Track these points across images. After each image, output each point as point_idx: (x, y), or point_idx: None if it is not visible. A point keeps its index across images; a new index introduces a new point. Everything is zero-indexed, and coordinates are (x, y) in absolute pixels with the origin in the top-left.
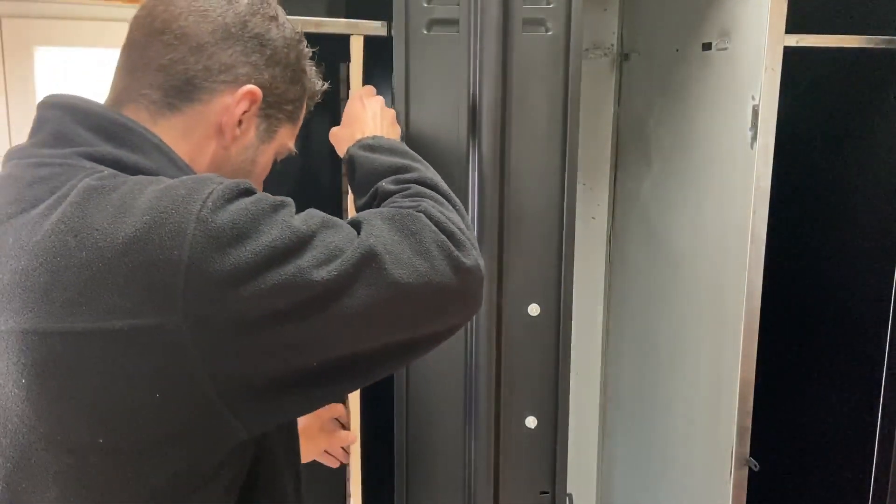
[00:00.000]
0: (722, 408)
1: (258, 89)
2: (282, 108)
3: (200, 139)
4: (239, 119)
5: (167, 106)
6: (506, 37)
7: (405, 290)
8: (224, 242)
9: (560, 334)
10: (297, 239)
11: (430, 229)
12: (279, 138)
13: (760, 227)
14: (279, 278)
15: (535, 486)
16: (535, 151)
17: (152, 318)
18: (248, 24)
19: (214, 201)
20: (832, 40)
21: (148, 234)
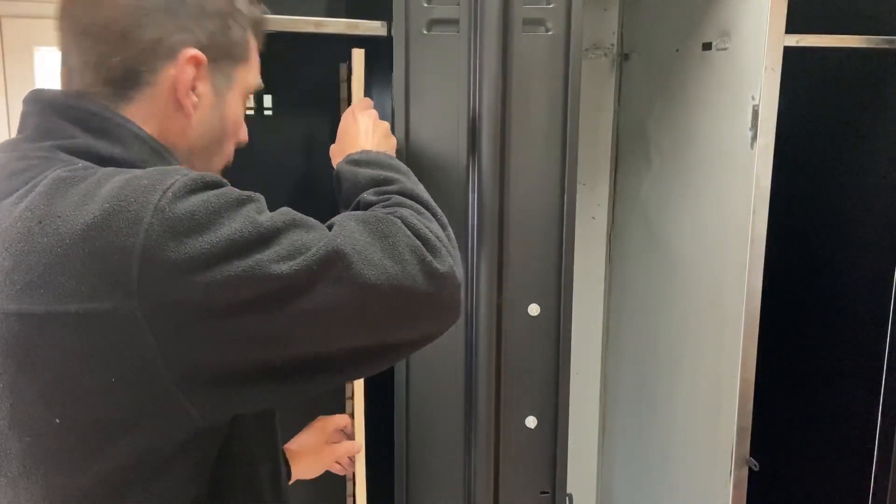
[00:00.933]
0: (722, 408)
1: (197, 51)
2: (229, 55)
3: (163, 118)
4: (191, 86)
5: (120, 97)
6: (506, 37)
7: (373, 292)
8: (180, 231)
9: (560, 334)
10: (258, 233)
11: (404, 233)
12: (239, 83)
13: (760, 227)
14: (237, 270)
15: (535, 486)
16: (535, 151)
17: (108, 302)
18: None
19: (175, 192)
20: (832, 40)
21: (106, 221)
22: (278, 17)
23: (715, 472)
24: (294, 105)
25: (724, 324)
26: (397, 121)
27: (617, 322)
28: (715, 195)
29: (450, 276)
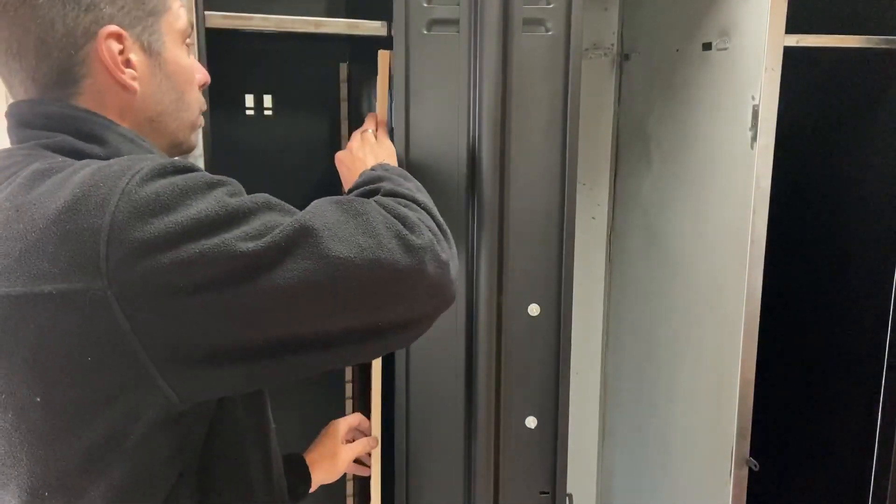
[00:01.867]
0: (722, 408)
1: (111, 27)
2: (146, 13)
3: (115, 101)
4: (123, 61)
5: (69, 96)
6: (506, 37)
7: (345, 266)
8: (146, 212)
9: (560, 334)
10: (227, 213)
11: (378, 211)
12: (169, 34)
13: (760, 227)
14: (202, 248)
15: (535, 486)
16: (535, 151)
17: (79, 282)
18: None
19: (142, 176)
20: (832, 40)
21: (76, 205)
22: (278, 17)
23: (715, 472)
24: (294, 105)
25: (724, 324)
26: (397, 121)
27: (617, 322)
28: (715, 195)
29: (429, 248)
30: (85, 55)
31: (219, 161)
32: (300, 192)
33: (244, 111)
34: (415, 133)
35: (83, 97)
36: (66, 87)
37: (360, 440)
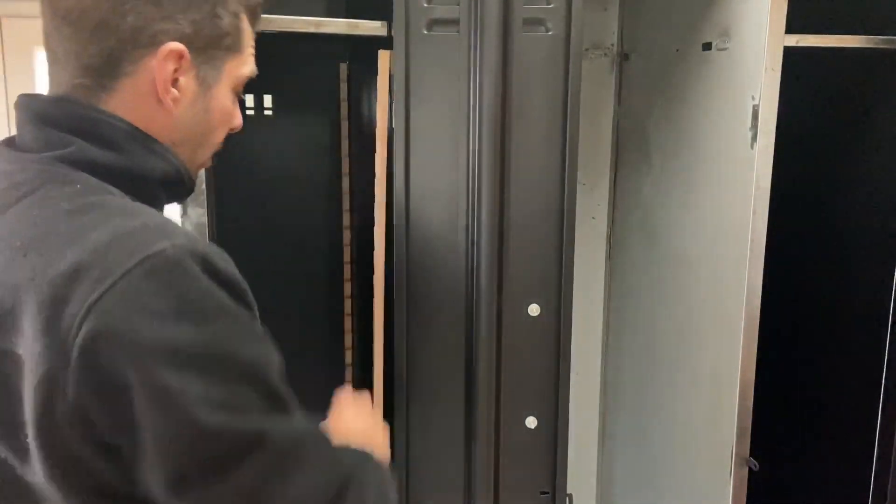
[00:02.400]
0: (722, 408)
1: (179, 45)
2: (218, 46)
3: (144, 110)
4: (172, 81)
5: (101, 88)
6: (506, 37)
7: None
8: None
9: (560, 334)
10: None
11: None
12: (228, 75)
13: (760, 227)
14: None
15: (535, 486)
16: (535, 151)
17: (46, 362)
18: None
19: (147, 269)
20: (832, 40)
21: (70, 279)
22: (278, 17)
23: (715, 472)
24: (294, 105)
25: (724, 324)
26: (397, 121)
27: (617, 322)
28: (715, 195)
29: None
30: (139, 56)
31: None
32: (300, 192)
33: (244, 111)
34: (415, 133)
35: (115, 95)
36: (105, 77)
37: None
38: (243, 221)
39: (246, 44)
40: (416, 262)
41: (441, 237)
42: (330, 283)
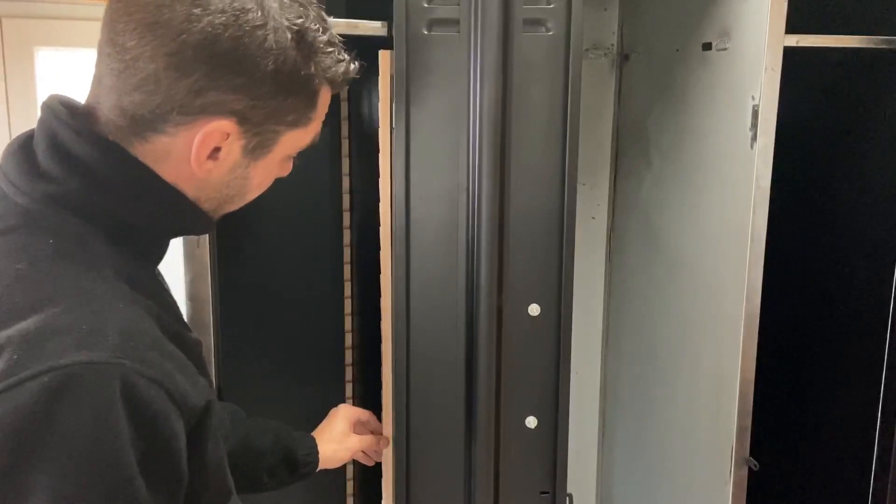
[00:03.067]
0: (722, 408)
1: (229, 123)
2: (279, 122)
3: (177, 165)
4: (210, 151)
5: (134, 134)
6: (506, 37)
7: None
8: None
9: (560, 334)
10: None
11: None
12: (283, 146)
13: (760, 227)
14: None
15: (535, 486)
16: (536, 151)
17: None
18: (217, 43)
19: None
20: (832, 40)
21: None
22: None
23: (715, 472)
24: None
25: (724, 323)
26: (397, 121)
27: (617, 322)
28: (715, 195)
29: None
30: (182, 122)
31: None
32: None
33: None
34: (415, 133)
35: (147, 146)
36: (141, 127)
37: (367, 436)
38: (243, 221)
39: (316, 117)
40: (415, 262)
41: (441, 237)
42: (330, 283)
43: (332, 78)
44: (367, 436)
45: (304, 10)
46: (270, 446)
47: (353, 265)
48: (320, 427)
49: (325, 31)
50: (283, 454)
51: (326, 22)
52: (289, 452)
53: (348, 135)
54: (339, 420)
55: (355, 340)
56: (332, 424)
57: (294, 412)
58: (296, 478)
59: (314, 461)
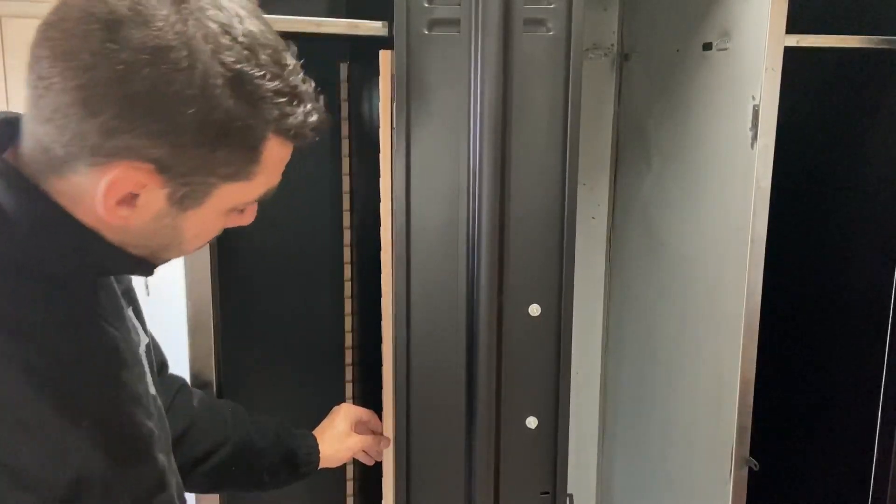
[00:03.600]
0: (722, 408)
1: (147, 170)
2: (210, 173)
3: (94, 208)
4: (122, 198)
5: (51, 169)
6: (507, 37)
7: None
8: None
9: (560, 334)
10: None
11: None
12: (223, 200)
13: (760, 227)
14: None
15: (536, 487)
16: (536, 151)
17: None
18: (130, 83)
19: None
20: (832, 40)
21: None
22: (279, 17)
23: (715, 472)
24: None
25: (724, 323)
26: (397, 121)
27: (617, 322)
28: (715, 195)
29: None
30: (96, 162)
31: None
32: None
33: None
34: (415, 133)
35: (62, 183)
36: (54, 162)
37: (368, 437)
38: None
39: (263, 172)
40: (416, 262)
41: (441, 237)
42: (330, 283)
43: (284, 130)
44: (368, 435)
45: (251, 53)
46: (271, 445)
47: (354, 265)
48: (321, 426)
49: (277, 78)
50: (284, 453)
51: (284, 67)
52: (290, 452)
53: (348, 135)
54: (340, 419)
55: (355, 340)
56: (333, 423)
57: (294, 412)
58: (296, 477)
59: (315, 461)
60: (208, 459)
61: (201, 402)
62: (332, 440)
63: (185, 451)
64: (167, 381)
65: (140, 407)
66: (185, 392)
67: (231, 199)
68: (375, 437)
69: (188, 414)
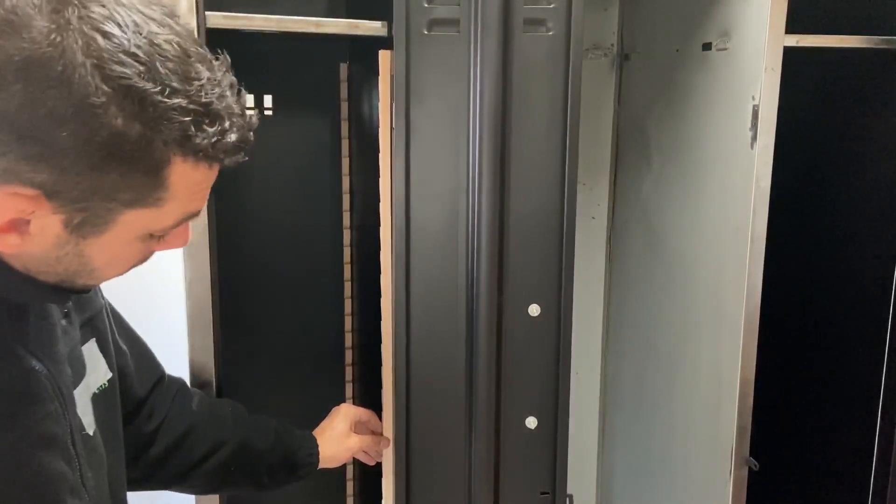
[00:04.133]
0: (722, 408)
1: (32, 196)
2: (108, 199)
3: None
4: (8, 223)
5: None
6: (506, 37)
7: None
8: None
9: (560, 334)
10: None
11: None
12: (130, 227)
13: (760, 227)
14: None
15: (536, 487)
16: (536, 151)
17: None
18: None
19: None
20: (832, 40)
21: None
22: (279, 17)
23: (715, 472)
24: (294, 105)
25: (724, 323)
26: (397, 121)
27: (617, 322)
28: (715, 195)
29: None
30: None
31: None
32: (299, 193)
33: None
34: (415, 133)
35: None
36: None
37: (367, 437)
38: (243, 221)
39: (173, 196)
40: (415, 262)
41: (441, 237)
42: (330, 283)
43: (192, 152)
44: (368, 436)
45: (147, 67)
46: (271, 446)
47: (354, 265)
48: (321, 426)
49: (179, 94)
50: (284, 455)
51: (193, 81)
52: (289, 453)
53: (348, 135)
54: (339, 419)
55: (355, 340)
56: (332, 424)
57: (294, 412)
58: (295, 478)
59: (314, 462)
60: (207, 461)
61: (200, 404)
62: (331, 441)
63: (184, 453)
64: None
65: (49, 449)
66: (184, 394)
67: (140, 227)
68: (375, 437)
69: (187, 416)
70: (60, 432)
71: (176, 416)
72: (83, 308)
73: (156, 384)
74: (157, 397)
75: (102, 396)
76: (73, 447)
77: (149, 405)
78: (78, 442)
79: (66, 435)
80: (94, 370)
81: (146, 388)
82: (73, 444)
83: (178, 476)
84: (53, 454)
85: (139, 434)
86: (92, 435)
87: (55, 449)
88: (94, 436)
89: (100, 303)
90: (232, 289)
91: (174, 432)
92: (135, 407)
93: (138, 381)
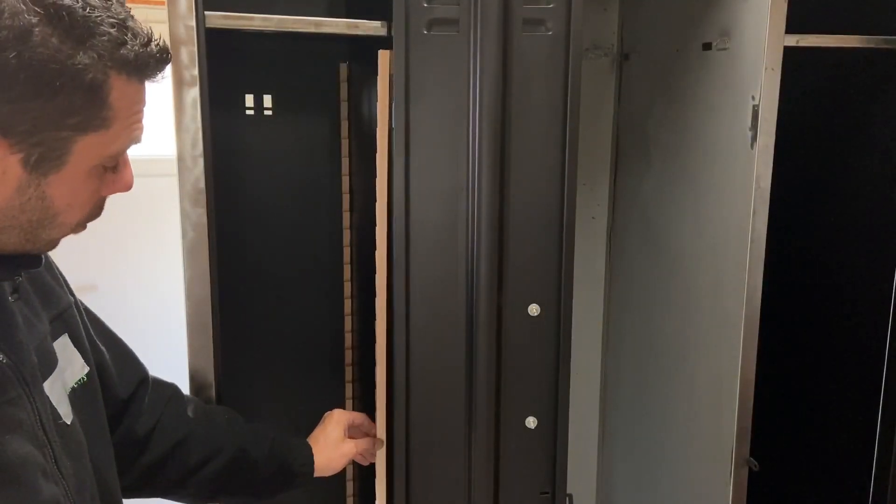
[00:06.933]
0: (722, 408)
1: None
2: (58, 127)
3: None
4: None
5: None
6: (506, 37)
7: None
8: None
9: (560, 334)
10: None
11: None
12: (84, 156)
13: (760, 227)
14: None
15: (535, 487)
16: (536, 151)
17: None
18: None
19: None
20: (832, 40)
21: None
22: (279, 17)
23: (715, 472)
24: (294, 105)
25: (724, 324)
26: (397, 121)
27: (617, 322)
28: (715, 195)
29: None
30: None
31: (218, 161)
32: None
33: (244, 111)
34: (414, 133)
35: None
36: None
37: (363, 440)
38: (243, 221)
39: (117, 116)
40: (415, 263)
41: (441, 237)
42: (330, 283)
43: (124, 65)
44: (362, 439)
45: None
46: (266, 456)
47: (353, 265)
48: (314, 434)
49: (99, 9)
50: (279, 465)
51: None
52: (284, 463)
53: (348, 135)
54: (332, 426)
55: (355, 340)
56: (325, 431)
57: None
58: (291, 487)
59: (309, 472)
60: (203, 469)
61: (196, 411)
62: (325, 448)
63: (180, 461)
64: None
65: (14, 433)
66: (178, 400)
67: (94, 154)
68: (370, 439)
69: (182, 424)
70: (26, 417)
71: (170, 423)
72: (50, 304)
73: (139, 385)
74: (144, 399)
75: (82, 390)
76: (45, 434)
77: (135, 406)
78: (50, 430)
79: (35, 421)
80: (69, 364)
81: (129, 388)
82: (45, 431)
83: (174, 483)
84: (19, 438)
85: (130, 437)
86: (70, 424)
87: (21, 433)
88: (72, 425)
89: (68, 299)
90: (231, 289)
91: (169, 439)
92: (120, 407)
93: (120, 381)
